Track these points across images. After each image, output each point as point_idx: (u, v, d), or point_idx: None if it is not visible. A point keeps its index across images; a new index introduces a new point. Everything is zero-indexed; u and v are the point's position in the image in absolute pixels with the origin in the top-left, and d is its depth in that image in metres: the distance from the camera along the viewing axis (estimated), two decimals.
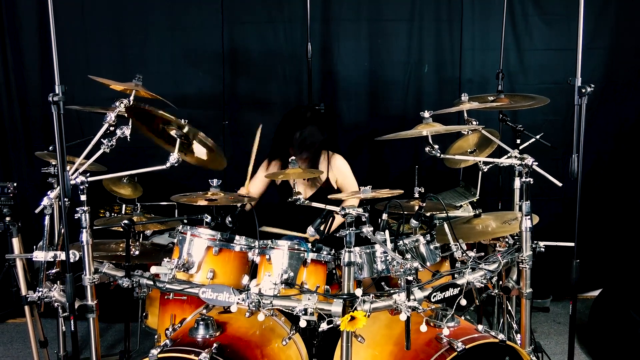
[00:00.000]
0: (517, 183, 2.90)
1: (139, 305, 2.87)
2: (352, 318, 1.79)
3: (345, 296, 1.86)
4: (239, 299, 1.89)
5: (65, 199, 2.19)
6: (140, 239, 2.69)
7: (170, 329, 2.30)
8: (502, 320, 3.03)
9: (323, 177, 2.95)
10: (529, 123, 3.25)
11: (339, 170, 2.99)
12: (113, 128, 2.26)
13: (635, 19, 3.61)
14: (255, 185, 2.99)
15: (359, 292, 1.83)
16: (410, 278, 1.83)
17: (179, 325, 2.31)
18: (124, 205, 2.90)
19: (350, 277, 1.87)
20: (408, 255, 2.07)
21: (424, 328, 1.88)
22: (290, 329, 2.17)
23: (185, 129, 2.23)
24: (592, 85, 2.03)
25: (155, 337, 2.55)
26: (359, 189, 2.11)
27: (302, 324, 1.85)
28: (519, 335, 2.86)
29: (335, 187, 2.97)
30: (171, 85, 3.60)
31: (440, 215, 2.75)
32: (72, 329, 1.95)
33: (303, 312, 1.84)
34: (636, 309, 2.83)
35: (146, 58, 3.58)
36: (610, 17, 3.59)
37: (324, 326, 1.82)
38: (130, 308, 2.61)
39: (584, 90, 2.03)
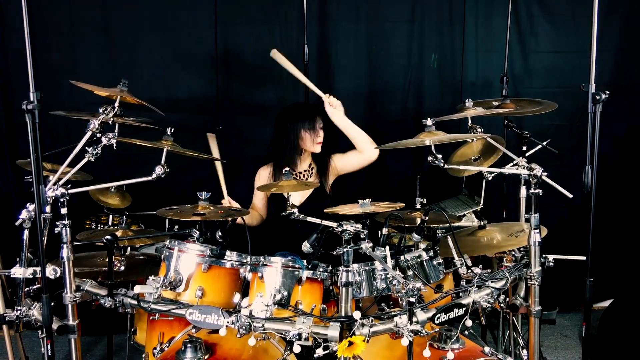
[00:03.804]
0: (522, 192, 2.79)
1: (127, 319, 2.74)
2: (350, 343, 1.66)
3: (342, 319, 1.73)
4: (228, 321, 1.76)
5: (46, 214, 2.08)
6: (128, 252, 2.56)
7: (158, 349, 2.19)
8: (507, 333, 2.91)
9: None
10: (534, 128, 3.11)
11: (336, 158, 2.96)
12: (100, 135, 2.15)
13: None
14: (258, 197, 2.93)
15: (357, 314, 1.70)
16: (412, 299, 1.70)
17: (167, 344, 2.20)
18: (111, 216, 2.76)
19: (348, 298, 1.75)
20: (410, 272, 1.95)
21: (427, 353, 1.76)
22: (284, 349, 2.04)
23: None
24: (608, 92, 1.90)
25: (143, 356, 2.42)
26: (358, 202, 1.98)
27: (296, 349, 1.73)
28: (524, 351, 2.73)
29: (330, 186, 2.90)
30: (162, 88, 3.45)
31: (443, 225, 2.62)
32: (49, 353, 1.82)
33: (297, 337, 1.72)
34: None
35: (136, 61, 3.42)
36: (619, 17, 3.46)
37: (319, 352, 1.70)
38: (113, 326, 2.48)
39: (598, 97, 1.90)
